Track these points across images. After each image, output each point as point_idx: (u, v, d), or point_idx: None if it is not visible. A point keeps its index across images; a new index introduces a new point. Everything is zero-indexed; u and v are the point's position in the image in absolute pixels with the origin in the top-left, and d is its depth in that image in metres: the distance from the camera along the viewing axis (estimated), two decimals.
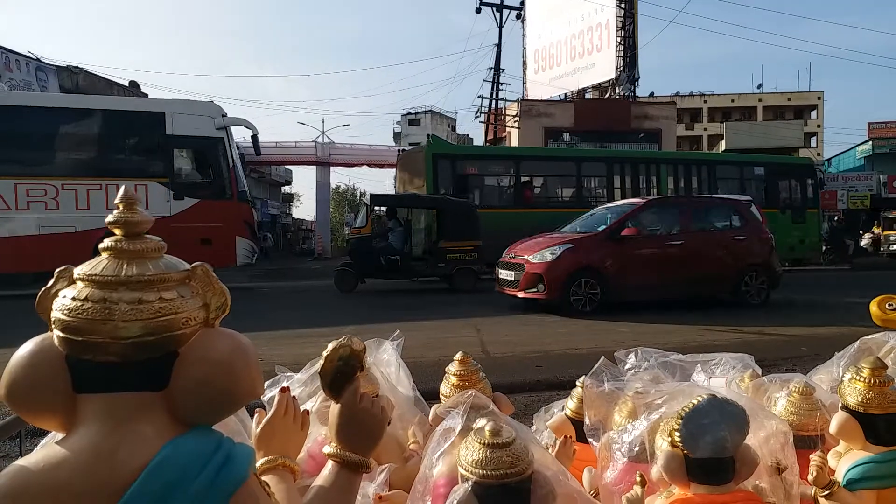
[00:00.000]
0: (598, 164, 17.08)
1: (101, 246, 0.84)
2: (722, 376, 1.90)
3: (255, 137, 13.47)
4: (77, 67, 24.29)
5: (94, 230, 10.88)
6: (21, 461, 0.76)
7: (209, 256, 8.07)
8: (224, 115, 12.48)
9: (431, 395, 2.01)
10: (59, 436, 0.80)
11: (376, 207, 13.49)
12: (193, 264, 0.87)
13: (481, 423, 1.24)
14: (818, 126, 51.11)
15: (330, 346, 1.08)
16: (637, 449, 1.43)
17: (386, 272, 12.22)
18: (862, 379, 1.53)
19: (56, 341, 0.79)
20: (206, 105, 12.80)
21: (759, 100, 52.30)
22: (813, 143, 48.64)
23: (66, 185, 11.45)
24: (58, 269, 0.85)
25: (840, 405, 1.57)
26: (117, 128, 12.14)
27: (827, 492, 1.46)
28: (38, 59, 22.86)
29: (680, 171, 17.18)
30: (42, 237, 11.22)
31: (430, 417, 1.73)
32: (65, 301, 0.79)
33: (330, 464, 1.02)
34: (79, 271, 0.82)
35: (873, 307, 4.49)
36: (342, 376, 1.05)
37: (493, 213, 13.98)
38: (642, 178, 16.90)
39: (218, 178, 12.30)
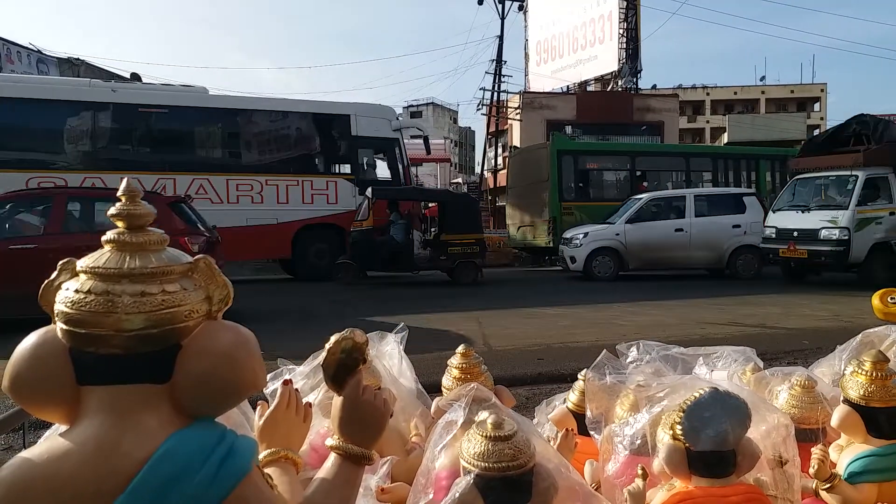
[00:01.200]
0: (703, 159, 17.99)
1: (103, 238, 0.84)
2: (724, 369, 1.90)
3: (426, 139, 14.80)
4: (78, 59, 24.23)
5: (292, 222, 12.39)
6: (25, 453, 0.76)
7: None
8: (398, 118, 13.85)
9: (433, 388, 2.01)
10: (63, 428, 0.80)
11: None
12: (196, 257, 0.87)
13: (483, 415, 1.24)
14: (821, 118, 50.88)
15: (332, 339, 1.08)
16: (639, 442, 1.43)
17: (388, 265, 12.21)
18: (864, 372, 1.53)
19: (59, 334, 0.79)
20: (383, 108, 13.95)
21: (762, 92, 52.09)
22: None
23: (269, 181, 12.45)
24: (61, 262, 0.85)
25: (842, 398, 1.57)
26: (311, 129, 13.25)
27: (828, 485, 1.46)
28: (39, 51, 22.81)
29: (776, 165, 17.86)
30: (248, 228, 12.08)
31: (433, 410, 1.74)
32: (68, 293, 0.79)
33: (332, 456, 1.02)
34: (82, 264, 0.82)
35: (875, 301, 4.47)
36: (345, 369, 1.05)
37: (612, 205, 14.32)
38: (743, 173, 17.82)
39: (395, 175, 13.47)
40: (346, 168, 13.43)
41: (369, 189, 11.84)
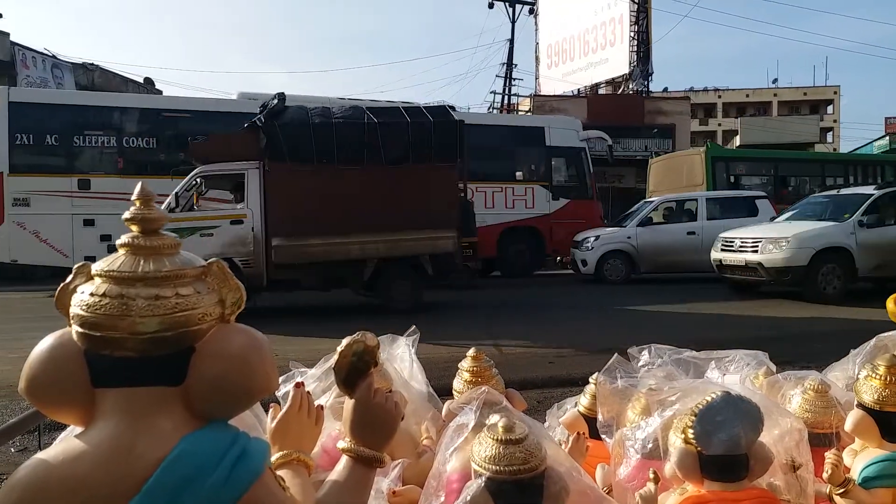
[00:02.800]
0: (836, 166, 18.95)
1: (118, 242, 0.85)
2: (736, 373, 1.89)
3: (610, 147, 16.24)
4: (93, 64, 24.45)
5: (497, 224, 13.65)
6: (41, 455, 0.77)
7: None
8: (584, 129, 15.11)
9: (444, 391, 2.01)
10: (78, 430, 0.81)
11: None
12: (209, 260, 0.88)
13: (494, 419, 1.24)
14: (834, 121, 50.50)
15: (344, 342, 1.08)
16: (650, 446, 1.43)
17: None
18: (878, 376, 1.52)
19: (75, 336, 0.80)
20: (570, 120, 15.69)
21: (775, 95, 51.74)
22: (829, 139, 48.10)
23: (478, 189, 13.31)
24: (76, 266, 0.86)
25: (856, 403, 1.56)
26: (511, 140, 14.68)
27: (842, 490, 1.45)
28: (54, 56, 23.02)
29: None
30: None
31: (444, 413, 1.74)
32: (83, 297, 0.80)
33: (344, 458, 1.02)
34: (97, 267, 0.83)
35: (890, 304, 4.44)
36: (356, 372, 1.05)
37: None
38: (870, 178, 18.34)
39: (582, 182, 14.81)
40: (542, 175, 14.72)
41: None
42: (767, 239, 9.70)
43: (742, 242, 10.01)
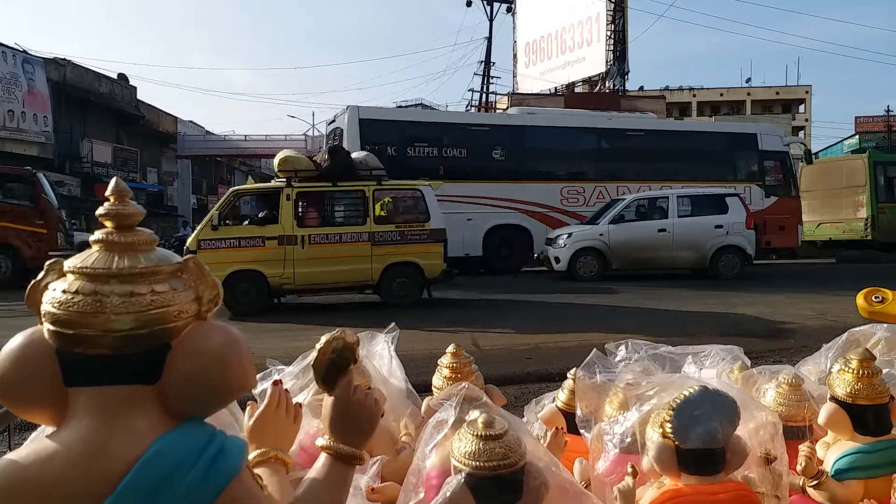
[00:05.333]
0: None
1: (91, 238, 0.84)
2: (712, 368, 1.91)
3: (808, 152, 19.01)
4: (64, 60, 24.05)
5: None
6: (11, 455, 0.76)
7: (782, 239, 15.95)
8: (786, 135, 17.75)
9: (423, 388, 2.01)
10: (50, 430, 0.79)
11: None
12: (185, 257, 0.87)
13: (474, 414, 1.24)
14: (806, 120, 51.39)
15: (323, 339, 1.07)
16: (629, 440, 1.44)
17: None
18: (850, 370, 1.55)
19: (46, 335, 0.79)
20: (775, 128, 18.41)
21: (748, 94, 52.49)
22: (801, 137, 48.91)
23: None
24: (47, 262, 0.84)
25: (828, 396, 1.58)
26: (732, 145, 16.88)
27: (815, 482, 1.47)
28: (24, 52, 22.59)
29: None
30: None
31: (423, 409, 1.74)
32: (55, 294, 0.79)
33: (323, 456, 1.02)
34: (69, 264, 0.81)
35: (860, 300, 4.51)
36: (335, 369, 1.05)
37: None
38: None
39: (787, 182, 16.74)
40: (757, 176, 16.67)
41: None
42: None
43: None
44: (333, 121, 15.36)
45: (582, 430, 1.67)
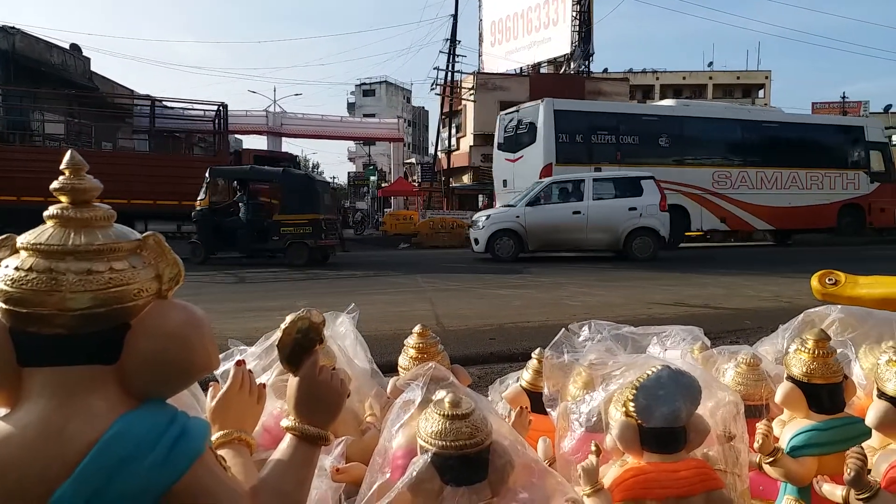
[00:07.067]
0: None
1: (45, 214, 0.80)
2: (673, 348, 1.94)
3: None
4: (14, 28, 23.14)
5: (835, 202, 18.49)
6: None
7: (884, 219, 18.99)
8: (886, 128, 20.42)
9: (388, 368, 2.00)
10: (3, 411, 0.77)
11: (218, 179, 13.68)
12: (145, 234, 0.84)
13: (441, 394, 1.24)
14: (765, 104, 52.37)
15: (288, 319, 1.05)
16: (594, 419, 1.45)
17: (228, 246, 12.71)
18: (806, 350, 1.58)
19: None
20: (876, 120, 21.09)
21: (710, 78, 53.34)
22: None
23: (825, 174, 18.53)
24: (0, 237, 0.81)
25: (785, 375, 1.62)
26: (847, 136, 19.23)
27: (771, 458, 1.51)
28: None
29: None
30: (803, 208, 18.18)
31: (389, 390, 1.73)
32: (7, 271, 0.76)
33: (288, 437, 1.00)
34: (22, 240, 0.78)
35: (814, 282, 4.62)
36: (301, 349, 1.03)
37: None
38: None
39: (888, 169, 19.23)
40: (863, 164, 18.99)
41: (208, 169, 12.85)
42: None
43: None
44: (517, 110, 17.29)
45: (549, 409, 1.68)
